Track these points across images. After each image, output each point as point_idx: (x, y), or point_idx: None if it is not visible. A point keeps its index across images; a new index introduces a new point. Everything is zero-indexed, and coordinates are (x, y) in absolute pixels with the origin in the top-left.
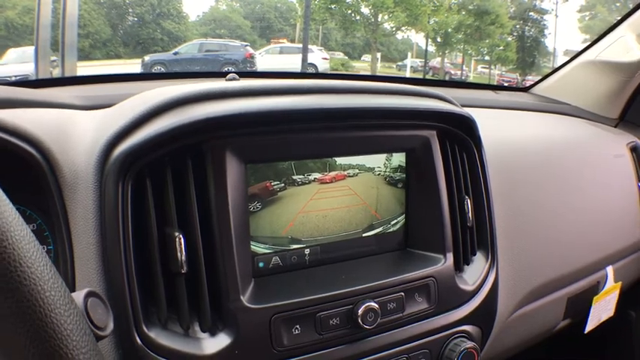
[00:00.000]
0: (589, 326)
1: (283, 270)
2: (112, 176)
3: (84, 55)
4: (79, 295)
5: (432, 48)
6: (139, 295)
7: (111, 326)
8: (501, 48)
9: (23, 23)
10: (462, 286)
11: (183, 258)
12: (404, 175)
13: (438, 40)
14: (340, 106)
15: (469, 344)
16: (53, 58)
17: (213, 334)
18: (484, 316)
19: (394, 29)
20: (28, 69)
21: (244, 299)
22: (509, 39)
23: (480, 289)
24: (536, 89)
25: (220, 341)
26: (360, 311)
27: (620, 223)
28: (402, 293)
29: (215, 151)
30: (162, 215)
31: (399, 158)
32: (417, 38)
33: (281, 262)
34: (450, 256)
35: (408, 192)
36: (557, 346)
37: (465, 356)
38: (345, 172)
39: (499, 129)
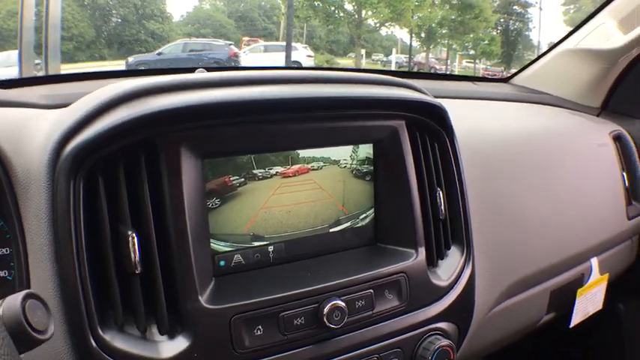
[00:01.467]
0: (574, 320)
1: (246, 269)
2: (63, 174)
3: (68, 58)
4: (16, 298)
5: (416, 43)
6: (94, 297)
7: (51, 329)
8: (486, 42)
9: (7, 27)
10: (436, 282)
11: (137, 258)
12: (372, 168)
13: (422, 35)
14: (300, 96)
15: (444, 342)
16: (37, 61)
17: (171, 336)
18: (460, 312)
19: (378, 25)
20: (12, 73)
21: (203, 300)
22: (494, 33)
23: (455, 285)
24: (516, 80)
25: (179, 344)
26: (325, 310)
27: (605, 213)
28: (371, 290)
29: (169, 146)
30: (115, 214)
31: (366, 150)
32: (402, 34)
33: (243, 260)
34: (422, 251)
35: (376, 185)
36: (543, 342)
37: (440, 355)
38: (309, 166)
39: (476, 120)
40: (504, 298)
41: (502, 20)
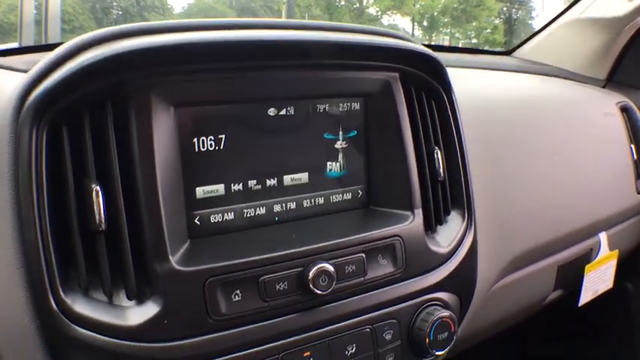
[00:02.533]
0: (583, 299)
1: (225, 230)
2: (25, 124)
3: None
4: None
5: (418, 32)
6: (57, 257)
7: None
8: (489, 31)
9: (8, 21)
10: (434, 248)
11: (102, 213)
12: (363, 125)
13: (425, 24)
14: (281, 39)
15: (444, 313)
16: None
17: (139, 302)
18: (462, 282)
19: (380, 14)
20: None
21: (174, 261)
22: (497, 21)
23: (455, 252)
24: (519, 52)
25: (147, 310)
26: (311, 274)
27: (613, 186)
28: (363, 254)
29: (138, 93)
30: (82, 167)
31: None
32: (403, 23)
33: (222, 220)
34: (419, 214)
35: (369, 144)
36: (551, 322)
37: (440, 326)
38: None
39: (477, 86)
40: (509, 271)
41: (505, 9)
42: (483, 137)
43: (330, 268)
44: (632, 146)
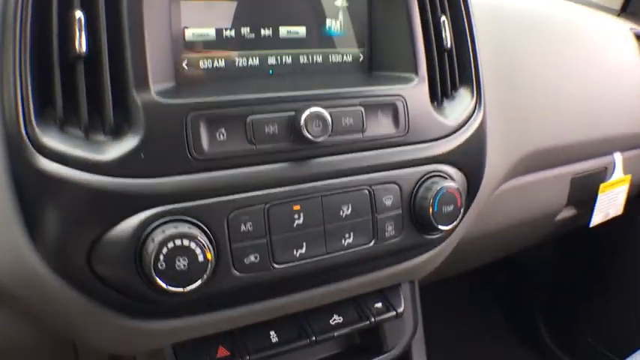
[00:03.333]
0: (595, 219)
1: (216, 72)
2: None
3: None
4: None
5: None
6: (33, 86)
7: None
8: None
9: None
10: (441, 119)
11: (84, 38)
12: None
13: None
14: None
15: (450, 183)
16: None
17: (116, 137)
18: (469, 161)
19: None
20: None
21: (154, 92)
22: None
23: (463, 127)
24: None
25: (124, 144)
26: (303, 117)
27: (629, 107)
28: (361, 108)
29: None
30: None
31: None
32: None
33: (212, 66)
34: (424, 80)
35: (372, 6)
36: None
37: (445, 198)
38: None
39: None
40: (520, 171)
41: None
42: (495, 30)
43: (325, 113)
44: None
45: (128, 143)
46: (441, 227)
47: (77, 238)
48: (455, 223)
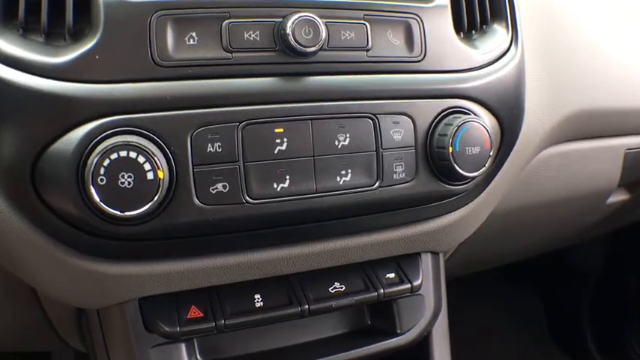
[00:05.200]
0: None
1: None
2: None
3: None
4: None
5: None
6: None
7: None
8: None
9: None
10: (467, 49)
11: None
12: None
13: None
14: None
15: (477, 119)
16: None
17: (76, 40)
18: (504, 103)
19: None
20: None
21: None
22: None
23: (496, 62)
24: None
25: (81, 47)
26: (290, 23)
27: None
28: (365, 23)
29: None
30: None
31: None
32: None
33: None
34: (446, 5)
35: None
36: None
37: (469, 136)
38: None
39: None
40: (565, 134)
41: None
42: None
43: (317, 19)
44: None
45: (84, 46)
46: (463, 173)
47: (22, 147)
48: (482, 169)
